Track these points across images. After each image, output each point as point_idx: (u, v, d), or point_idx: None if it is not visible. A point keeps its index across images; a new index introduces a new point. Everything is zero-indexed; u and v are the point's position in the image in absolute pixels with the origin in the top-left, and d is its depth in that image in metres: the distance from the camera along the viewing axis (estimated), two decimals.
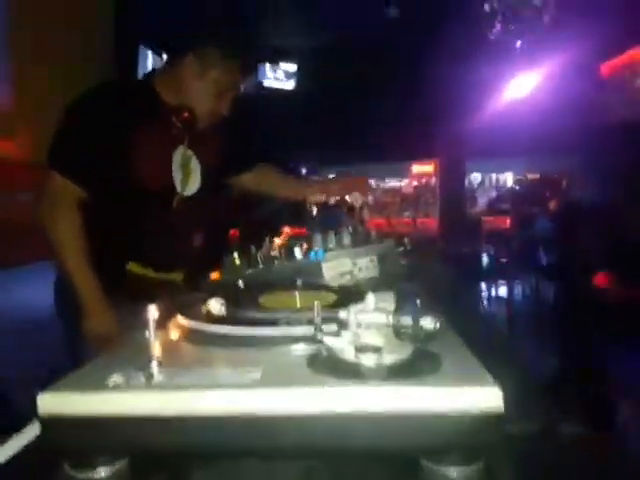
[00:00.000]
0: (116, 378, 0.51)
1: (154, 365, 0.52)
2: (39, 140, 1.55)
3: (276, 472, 0.57)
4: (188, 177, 1.65)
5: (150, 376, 0.51)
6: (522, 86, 7.28)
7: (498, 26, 3.88)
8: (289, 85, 7.26)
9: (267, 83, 7.19)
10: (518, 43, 4.07)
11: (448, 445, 0.48)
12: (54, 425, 0.49)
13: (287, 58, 7.05)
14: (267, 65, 7.13)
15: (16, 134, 1.46)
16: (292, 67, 7.19)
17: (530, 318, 5.72)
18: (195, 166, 1.68)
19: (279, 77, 7.21)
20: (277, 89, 7.32)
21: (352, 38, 5.47)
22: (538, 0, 3.78)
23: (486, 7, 3.91)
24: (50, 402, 0.49)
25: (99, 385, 0.50)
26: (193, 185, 1.68)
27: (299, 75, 7.22)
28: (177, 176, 1.61)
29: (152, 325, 0.62)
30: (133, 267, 1.56)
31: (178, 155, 1.60)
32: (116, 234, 1.53)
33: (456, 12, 4.61)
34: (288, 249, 1.15)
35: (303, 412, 0.47)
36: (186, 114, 1.56)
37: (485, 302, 6.34)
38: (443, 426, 0.47)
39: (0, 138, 2.59)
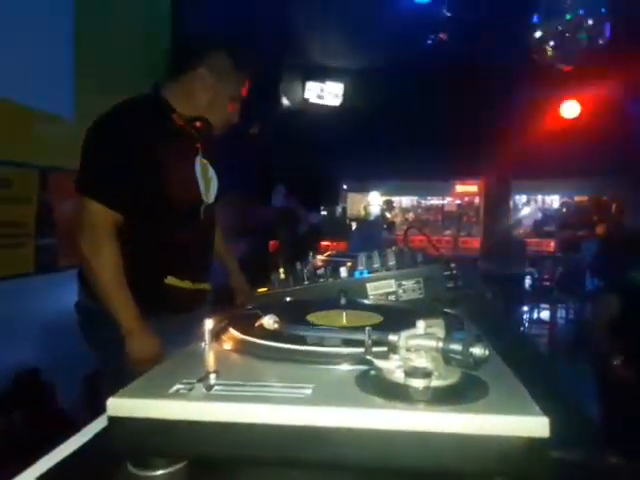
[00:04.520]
0: (178, 386, 0.55)
1: (212, 376, 0.55)
2: None
3: None
4: (209, 185, 1.69)
5: (209, 387, 0.54)
6: (572, 108, 7.14)
7: (550, 50, 3.85)
8: (335, 102, 7.34)
9: (313, 100, 7.29)
10: (569, 66, 4.01)
11: (492, 470, 0.49)
12: (120, 426, 0.53)
13: (334, 77, 7.14)
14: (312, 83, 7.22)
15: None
16: (338, 85, 7.27)
17: (574, 342, 5.56)
18: (212, 174, 1.72)
19: (325, 95, 7.29)
20: (323, 105, 7.40)
21: (399, 58, 5.51)
22: (591, 25, 3.73)
23: (537, 33, 3.88)
24: (118, 406, 0.53)
25: (162, 393, 0.54)
26: (213, 193, 1.72)
27: (345, 93, 7.29)
28: (201, 186, 1.64)
29: (208, 337, 0.65)
30: (172, 281, 1.58)
31: (198, 165, 1.64)
32: (153, 251, 1.55)
33: (506, 34, 4.59)
34: (333, 267, 1.18)
35: (352, 428, 0.49)
36: (204, 124, 1.59)
37: (527, 325, 6.20)
38: (488, 451, 0.48)
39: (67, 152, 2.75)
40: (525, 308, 6.42)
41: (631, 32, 4.38)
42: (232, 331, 0.73)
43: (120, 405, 0.53)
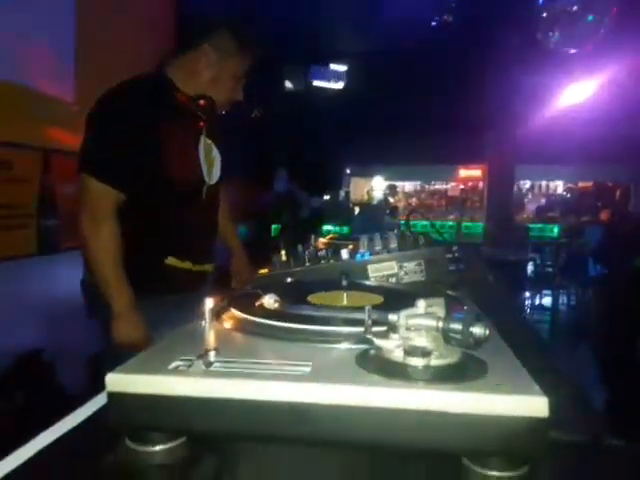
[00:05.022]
0: (177, 363, 0.55)
1: (212, 354, 0.55)
2: None
3: (320, 461, 0.60)
4: (212, 166, 1.68)
5: (209, 363, 0.54)
6: (578, 93, 7.07)
7: (556, 33, 3.80)
8: (338, 85, 7.27)
9: (316, 83, 7.22)
10: (575, 50, 3.97)
11: (491, 449, 0.49)
12: (119, 402, 0.53)
13: (337, 59, 7.06)
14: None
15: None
16: (342, 68, 7.19)
17: (575, 329, 5.57)
18: (216, 154, 1.71)
19: (328, 78, 7.22)
20: (326, 88, 7.34)
21: (403, 42, 5.45)
22: (597, 8, 3.67)
23: (544, 14, 3.83)
24: (117, 381, 0.53)
25: (162, 369, 0.54)
26: (216, 173, 1.71)
27: (349, 76, 7.22)
28: (204, 166, 1.63)
29: (208, 315, 0.65)
30: (172, 261, 1.58)
31: (201, 145, 1.63)
32: (154, 231, 1.55)
33: (512, 17, 4.53)
34: (334, 249, 1.17)
35: (350, 406, 0.49)
36: (207, 103, 1.58)
37: (529, 311, 6.21)
38: (487, 430, 0.48)
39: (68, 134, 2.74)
40: (527, 294, 6.43)
41: (637, 14, 4.32)
42: (232, 310, 0.73)
43: (119, 381, 0.53)
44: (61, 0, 2.82)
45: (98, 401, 0.66)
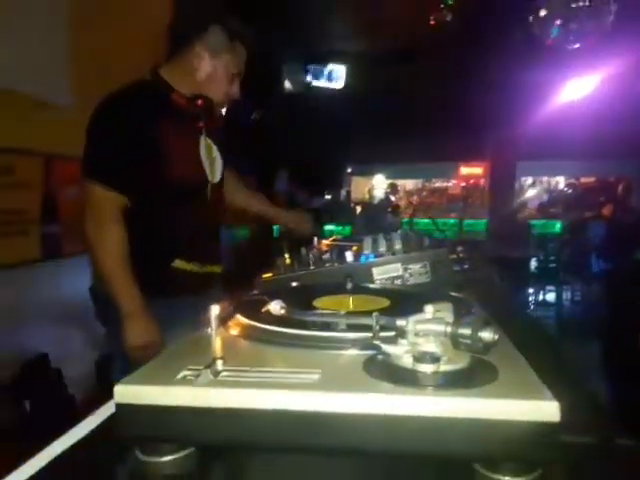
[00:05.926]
0: (185, 373, 0.55)
1: (219, 362, 0.55)
2: None
3: (329, 470, 0.59)
4: (213, 165, 1.68)
5: (216, 373, 0.54)
6: (578, 89, 7.05)
7: (556, 29, 3.79)
8: (338, 85, 7.25)
9: (315, 83, 7.20)
10: (575, 46, 3.95)
11: (502, 455, 0.49)
12: (127, 413, 0.53)
13: (336, 59, 7.04)
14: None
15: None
16: (341, 67, 7.16)
17: (580, 325, 5.56)
18: (216, 153, 1.71)
19: (328, 77, 7.19)
20: (326, 88, 7.31)
21: (402, 41, 5.44)
22: (599, 4, 3.66)
23: (542, 11, 3.82)
24: (125, 392, 0.53)
25: (169, 379, 0.54)
26: (218, 172, 1.71)
27: (348, 75, 7.19)
28: (206, 166, 1.64)
29: (215, 323, 0.65)
30: (179, 264, 1.58)
31: (202, 145, 1.63)
32: (159, 234, 1.55)
33: (512, 13, 4.52)
34: (339, 251, 1.17)
35: (360, 414, 0.49)
36: (205, 102, 1.58)
37: (532, 307, 6.20)
38: (498, 436, 0.47)
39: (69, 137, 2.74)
40: (531, 290, 6.42)
41: (638, 10, 4.31)
42: (239, 317, 0.73)
43: (127, 392, 0.53)
44: (55, 4, 2.82)
45: (106, 411, 0.66)
